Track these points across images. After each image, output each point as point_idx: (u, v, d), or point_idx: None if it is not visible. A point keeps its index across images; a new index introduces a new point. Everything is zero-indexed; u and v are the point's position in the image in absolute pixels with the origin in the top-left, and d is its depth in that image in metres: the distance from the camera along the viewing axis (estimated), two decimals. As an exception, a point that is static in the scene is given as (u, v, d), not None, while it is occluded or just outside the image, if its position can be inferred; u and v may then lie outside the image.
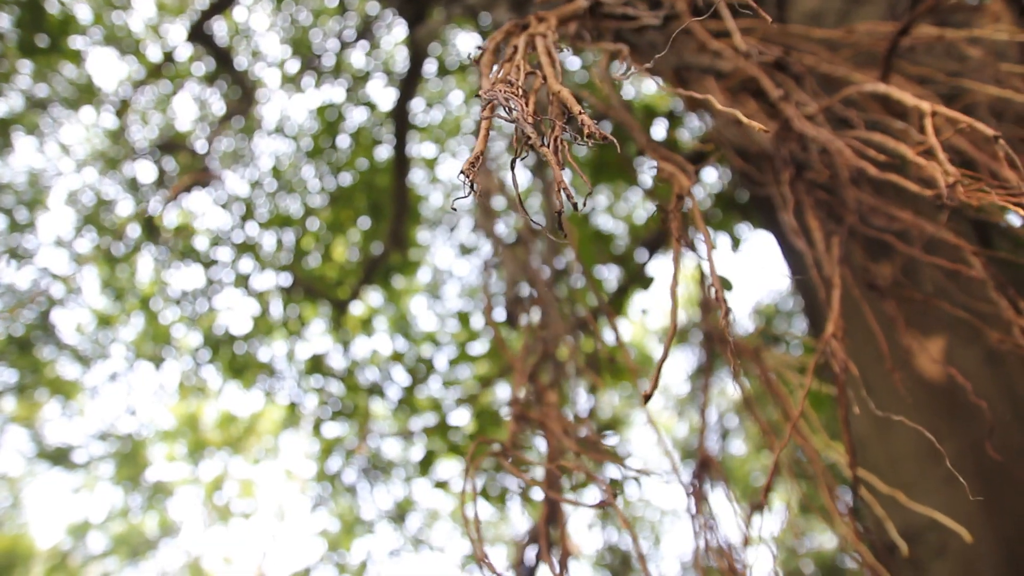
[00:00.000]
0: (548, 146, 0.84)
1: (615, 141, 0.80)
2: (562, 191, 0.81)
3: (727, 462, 11.50)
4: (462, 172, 0.84)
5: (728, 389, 12.61)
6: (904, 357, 2.19)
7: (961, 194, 1.14)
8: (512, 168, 0.92)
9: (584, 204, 0.83)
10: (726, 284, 3.29)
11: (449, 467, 5.48)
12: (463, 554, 10.11)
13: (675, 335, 1.09)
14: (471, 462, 1.05)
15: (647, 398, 1.03)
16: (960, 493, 1.98)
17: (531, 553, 1.72)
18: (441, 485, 3.99)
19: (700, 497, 1.28)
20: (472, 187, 0.84)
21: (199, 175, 6.28)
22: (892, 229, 1.66)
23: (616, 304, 4.50)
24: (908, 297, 1.81)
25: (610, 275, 4.86)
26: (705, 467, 1.40)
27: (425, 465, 3.92)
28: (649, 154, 1.60)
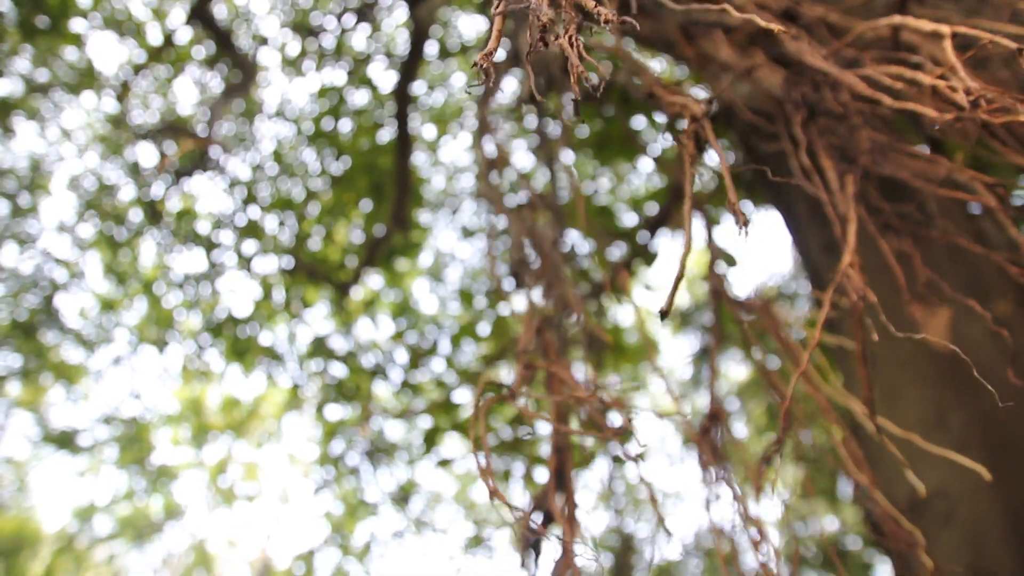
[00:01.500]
0: (563, 37, 0.83)
1: (632, 21, 0.79)
2: (578, 75, 0.80)
3: (730, 447, 11.52)
4: (476, 63, 0.83)
5: (731, 371, 12.64)
6: (911, 328, 2.18)
7: (984, 111, 1.12)
8: (527, 58, 0.91)
9: (600, 87, 0.81)
10: (730, 260, 3.28)
11: (453, 445, 5.51)
12: (466, 536, 10.16)
13: (689, 251, 1.08)
14: (479, 405, 1.03)
15: (664, 314, 1.01)
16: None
17: (538, 518, 1.73)
18: (444, 463, 3.98)
19: (710, 446, 1.28)
20: (486, 75, 0.83)
21: (195, 143, 6.24)
22: (906, 170, 1.64)
23: (619, 280, 4.48)
24: (924, 236, 1.78)
25: (616, 250, 4.84)
26: (715, 418, 1.39)
27: (429, 443, 3.92)
28: (657, 91, 1.58)
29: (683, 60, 3.04)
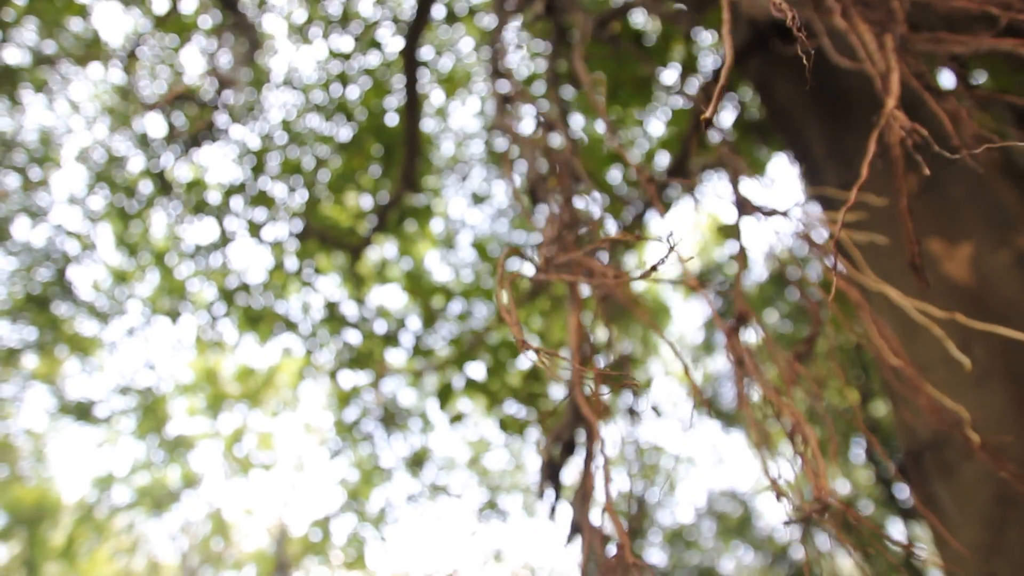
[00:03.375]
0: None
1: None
2: None
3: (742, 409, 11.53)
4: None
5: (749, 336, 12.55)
6: (932, 262, 2.16)
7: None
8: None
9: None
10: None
11: (467, 403, 5.52)
12: (481, 501, 10.26)
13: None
14: (503, 265, 1.01)
15: (707, 122, 0.99)
16: (991, 393, 1.97)
17: (559, 446, 1.72)
18: (457, 419, 3.99)
19: (738, 344, 1.26)
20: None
21: (183, 90, 6.20)
22: (944, 44, 1.60)
23: (633, 230, 4.46)
24: (967, 92, 1.72)
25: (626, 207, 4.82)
26: (743, 319, 1.37)
27: (444, 399, 3.93)
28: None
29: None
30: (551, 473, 1.86)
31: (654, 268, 1.08)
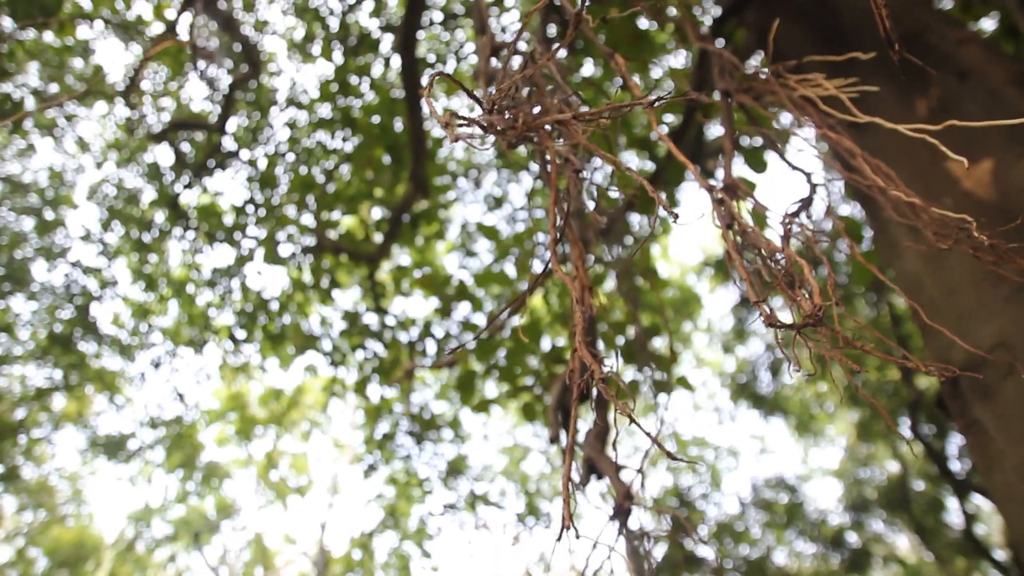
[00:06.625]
0: None
1: None
2: None
3: (780, 394, 11.29)
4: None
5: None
6: (953, 182, 2.00)
7: None
8: None
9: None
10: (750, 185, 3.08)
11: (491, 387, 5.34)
12: (519, 510, 10.09)
13: None
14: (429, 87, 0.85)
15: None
16: (1024, 308, 1.83)
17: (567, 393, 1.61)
18: (482, 407, 3.83)
19: (728, 209, 1.11)
20: None
21: (171, 38, 6.08)
22: None
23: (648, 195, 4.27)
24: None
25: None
26: (732, 188, 1.23)
27: (465, 387, 3.78)
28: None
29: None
30: (565, 418, 1.78)
31: (661, 98, 0.92)
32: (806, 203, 1.30)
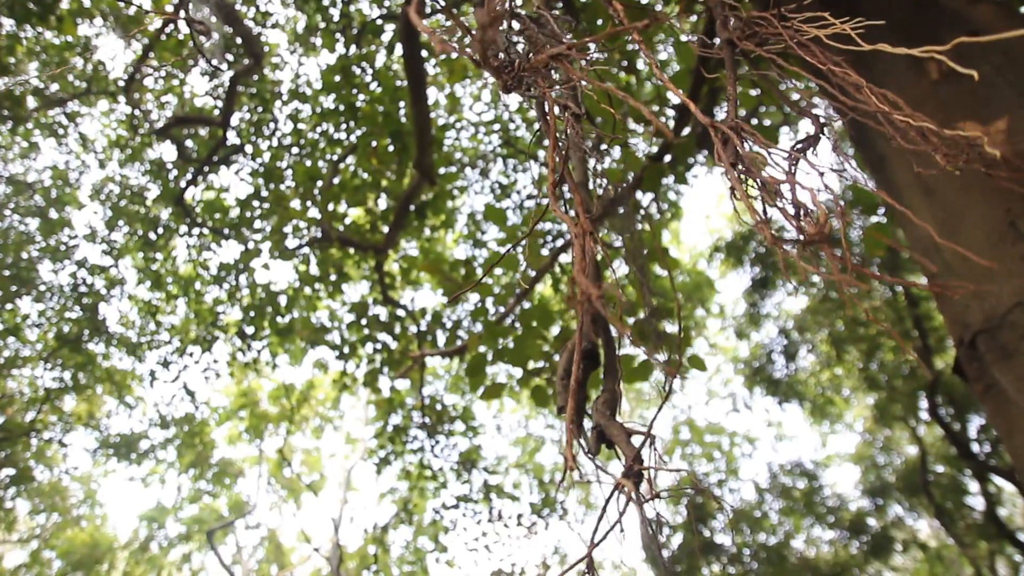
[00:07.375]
0: None
1: None
2: None
3: (795, 378, 11.16)
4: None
5: (790, 304, 12.21)
6: (966, 146, 1.91)
7: None
8: None
9: None
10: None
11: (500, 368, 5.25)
12: (533, 502, 10.00)
13: None
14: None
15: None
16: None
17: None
18: (491, 393, 3.73)
19: (732, 145, 1.02)
20: None
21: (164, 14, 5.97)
22: None
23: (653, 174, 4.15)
24: None
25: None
26: (737, 129, 1.14)
27: (475, 371, 3.68)
28: None
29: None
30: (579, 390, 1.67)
31: (656, 18, 0.83)
32: (812, 140, 1.22)
